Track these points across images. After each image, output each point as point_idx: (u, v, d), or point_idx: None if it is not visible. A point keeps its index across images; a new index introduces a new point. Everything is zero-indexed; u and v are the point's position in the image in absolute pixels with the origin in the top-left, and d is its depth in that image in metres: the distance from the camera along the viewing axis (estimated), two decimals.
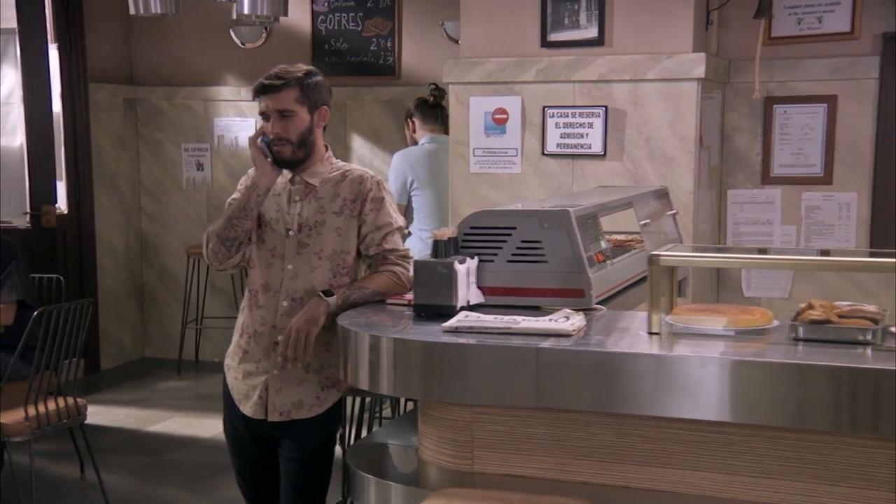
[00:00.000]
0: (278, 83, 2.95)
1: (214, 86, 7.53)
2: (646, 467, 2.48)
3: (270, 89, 2.95)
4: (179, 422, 6.14)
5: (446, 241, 2.85)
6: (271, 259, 3.04)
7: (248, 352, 3.09)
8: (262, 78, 2.98)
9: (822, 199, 4.63)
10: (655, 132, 4.32)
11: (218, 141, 7.57)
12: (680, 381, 2.34)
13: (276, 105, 2.95)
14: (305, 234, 3.02)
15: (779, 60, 4.59)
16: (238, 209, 2.98)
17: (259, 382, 3.06)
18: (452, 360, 2.53)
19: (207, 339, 7.71)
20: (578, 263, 2.84)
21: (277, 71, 2.99)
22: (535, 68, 4.46)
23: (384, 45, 7.22)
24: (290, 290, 3.03)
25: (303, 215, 3.03)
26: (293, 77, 2.97)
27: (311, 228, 3.02)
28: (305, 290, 3.02)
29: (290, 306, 3.02)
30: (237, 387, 3.12)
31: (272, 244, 3.04)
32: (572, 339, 2.50)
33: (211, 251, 3.04)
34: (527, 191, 4.51)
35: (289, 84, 2.95)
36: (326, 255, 3.04)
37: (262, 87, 2.97)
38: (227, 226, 2.99)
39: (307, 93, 2.97)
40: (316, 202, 3.04)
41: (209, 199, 7.61)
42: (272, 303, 3.04)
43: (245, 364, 3.09)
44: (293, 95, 2.95)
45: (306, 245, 3.03)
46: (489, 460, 2.63)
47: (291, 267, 3.02)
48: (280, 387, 3.04)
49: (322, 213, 3.03)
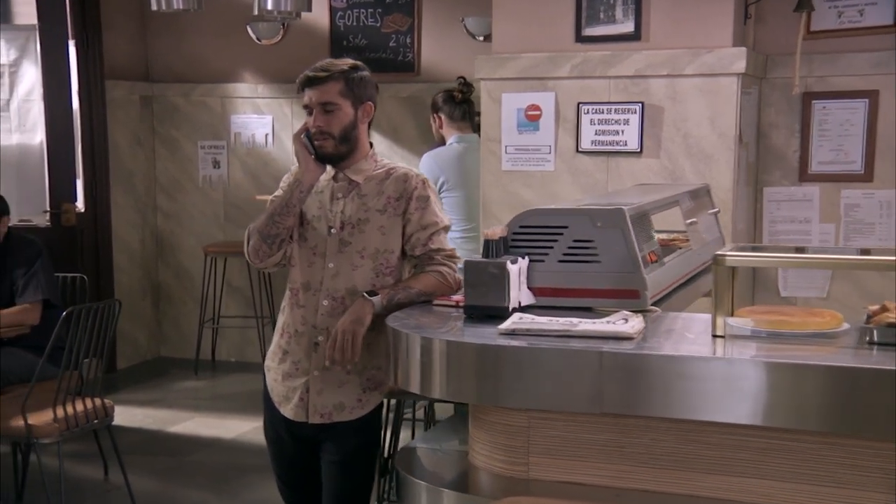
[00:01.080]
0: (322, 75, 2.88)
1: (231, 83, 7.46)
2: (712, 475, 2.39)
3: (315, 81, 2.88)
4: (200, 422, 6.06)
5: (497, 241, 2.76)
6: (312, 257, 2.97)
7: (287, 352, 3.02)
8: (307, 70, 2.91)
9: (862, 196, 4.54)
10: (694, 129, 4.23)
11: (234, 138, 7.50)
12: (748, 386, 2.25)
13: (319, 98, 2.88)
14: (348, 233, 2.95)
15: (818, 55, 4.49)
16: (280, 206, 2.91)
17: (299, 384, 2.99)
18: (509, 364, 2.44)
19: (224, 339, 7.64)
20: (633, 263, 2.76)
21: (323, 63, 2.92)
22: (569, 64, 4.37)
23: (403, 41, 7.14)
24: (331, 290, 2.95)
25: (345, 213, 2.95)
26: (338, 70, 2.90)
27: (354, 226, 2.95)
28: (347, 289, 2.95)
29: (330, 306, 2.95)
30: (277, 388, 3.05)
31: (314, 242, 2.97)
32: (634, 343, 2.42)
33: (252, 248, 2.97)
34: (560, 189, 4.42)
35: (333, 77, 2.88)
36: (369, 254, 2.96)
37: (306, 79, 2.90)
38: (269, 223, 2.92)
39: (352, 87, 2.90)
40: (359, 200, 2.96)
41: (225, 197, 7.53)
42: (312, 302, 2.96)
43: (285, 365, 3.02)
44: (337, 88, 2.88)
45: (348, 243, 2.95)
46: (545, 467, 2.54)
47: (332, 265, 2.95)
48: (321, 388, 2.98)
49: (365, 210, 2.96)
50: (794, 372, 2.22)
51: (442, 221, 3.04)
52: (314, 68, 2.90)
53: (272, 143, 7.41)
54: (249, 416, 6.13)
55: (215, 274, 7.27)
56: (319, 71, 2.89)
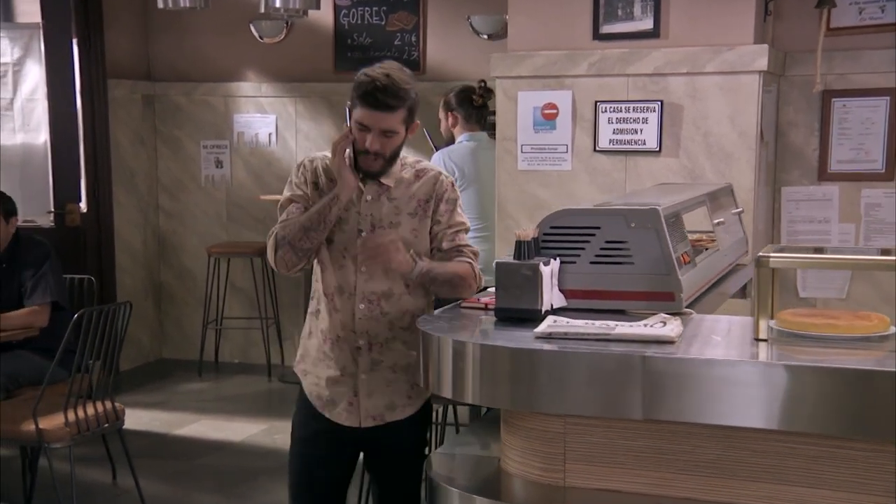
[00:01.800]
0: (394, 103, 2.75)
1: (234, 81, 7.39)
2: (757, 483, 2.32)
3: (386, 108, 2.75)
4: (206, 425, 5.99)
5: (529, 242, 2.70)
6: (342, 260, 2.90)
7: (331, 357, 2.94)
8: (374, 88, 2.73)
9: (883, 196, 4.48)
10: (714, 127, 4.17)
11: (238, 138, 7.43)
12: (796, 391, 2.19)
13: (384, 124, 2.77)
14: (378, 235, 2.88)
15: (838, 52, 4.43)
16: (316, 221, 2.81)
17: (346, 388, 2.94)
18: (546, 368, 2.38)
19: (227, 340, 7.56)
20: (668, 265, 2.71)
21: (393, 85, 2.74)
22: (586, 62, 4.31)
23: (409, 39, 7.07)
24: (366, 293, 2.90)
25: (375, 215, 2.89)
26: (408, 98, 2.78)
27: (386, 229, 2.89)
28: (382, 291, 2.90)
29: (367, 309, 2.90)
30: (319, 393, 2.97)
31: (342, 244, 2.89)
32: (676, 346, 2.35)
33: (280, 258, 2.86)
34: (578, 189, 4.36)
35: (402, 106, 2.78)
36: None
37: (375, 102, 2.74)
38: (302, 236, 2.82)
39: (412, 113, 2.83)
40: (390, 203, 2.90)
41: (228, 196, 7.46)
42: (348, 306, 2.90)
43: (329, 370, 2.95)
44: (401, 116, 2.79)
45: None
46: (583, 474, 2.48)
47: (365, 269, 2.89)
48: (370, 390, 2.93)
49: (396, 214, 2.90)
50: (844, 377, 2.16)
51: (466, 223, 3.03)
52: (384, 90, 2.73)
53: (276, 143, 7.33)
54: (256, 418, 6.08)
55: (218, 274, 7.19)
56: (392, 97, 2.74)
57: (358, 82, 2.79)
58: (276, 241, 2.86)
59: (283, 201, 2.94)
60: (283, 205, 2.94)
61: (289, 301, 7.31)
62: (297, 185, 2.94)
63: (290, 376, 6.91)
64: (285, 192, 2.96)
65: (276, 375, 7.06)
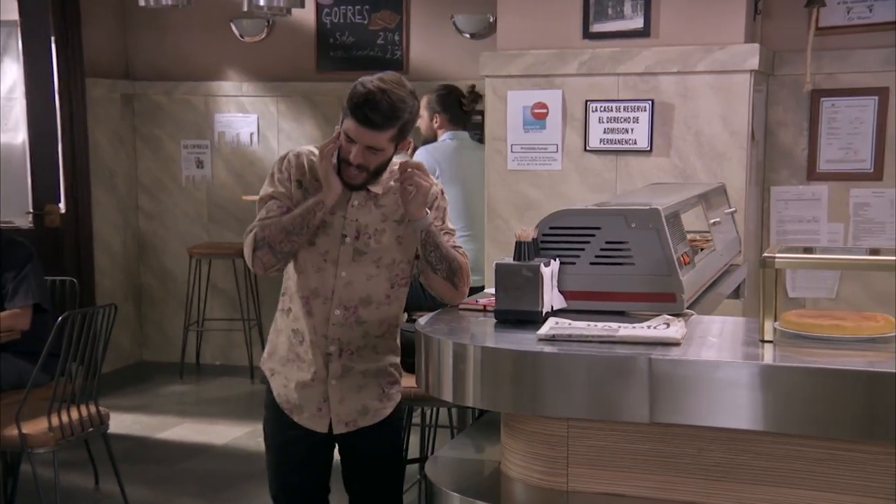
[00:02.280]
0: (383, 123, 2.67)
1: (215, 80, 7.32)
2: (762, 486, 2.30)
3: (372, 126, 2.67)
4: (189, 428, 5.92)
5: (529, 243, 2.66)
6: (322, 263, 2.83)
7: (303, 360, 2.89)
8: (364, 102, 2.64)
9: (872, 195, 4.48)
10: (705, 126, 4.15)
11: (219, 137, 7.35)
12: (802, 393, 2.17)
13: (370, 141, 2.69)
14: (364, 242, 2.82)
15: (827, 52, 4.43)
16: (300, 224, 2.75)
17: (316, 393, 2.88)
18: (550, 371, 2.34)
19: (208, 342, 7.49)
20: (669, 266, 2.68)
21: (385, 102, 2.64)
22: (577, 61, 4.28)
23: (391, 38, 7.02)
24: (344, 299, 2.84)
25: (361, 221, 2.82)
26: (401, 117, 2.69)
27: (371, 237, 2.83)
28: (360, 298, 2.85)
29: (342, 315, 2.84)
30: (288, 396, 2.92)
31: (324, 248, 2.82)
32: (683, 348, 2.32)
33: (258, 259, 2.78)
34: (568, 189, 4.33)
35: (394, 125, 2.69)
36: (385, 264, 2.86)
37: (364, 118, 2.66)
38: (283, 239, 2.75)
39: (403, 132, 2.74)
40: (377, 209, 2.84)
41: (210, 197, 7.38)
42: (323, 311, 2.84)
43: (300, 372, 2.89)
44: (390, 135, 2.71)
45: (364, 253, 2.83)
46: (586, 478, 2.45)
47: (345, 274, 2.82)
48: (342, 396, 2.88)
49: (383, 221, 2.84)
50: (853, 379, 2.14)
51: (454, 229, 3.00)
52: (378, 110, 2.63)
53: (257, 143, 7.27)
54: (239, 421, 6.01)
55: (200, 276, 7.11)
56: (381, 116, 2.65)
57: (352, 92, 2.69)
58: (254, 241, 2.77)
59: (262, 195, 2.85)
60: (263, 199, 2.84)
61: (271, 302, 7.19)
62: (279, 180, 2.84)
63: None
64: (266, 187, 2.85)
65: (259, 377, 6.95)
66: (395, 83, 2.70)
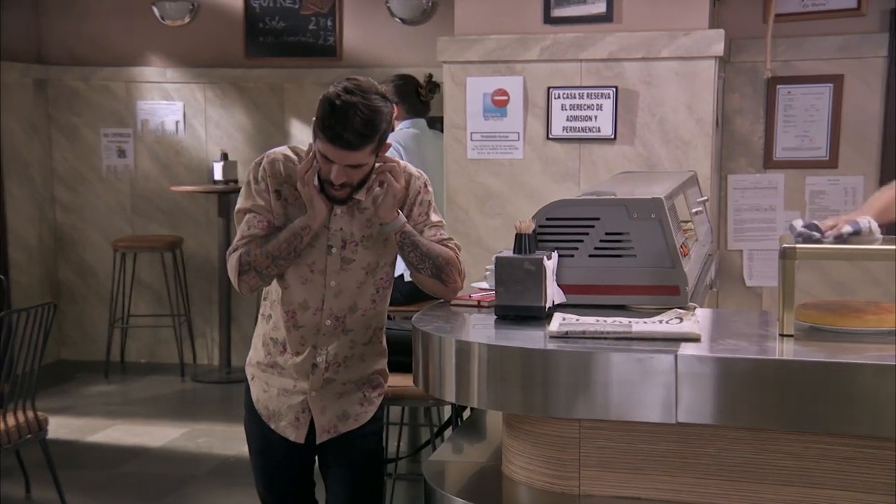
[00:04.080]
0: (359, 143, 2.46)
1: (137, 66, 7.00)
2: (786, 486, 2.22)
3: (349, 147, 2.46)
4: (122, 430, 5.65)
5: (530, 235, 2.54)
6: (309, 275, 2.67)
7: (283, 368, 2.74)
8: (335, 123, 2.42)
9: (827, 183, 4.48)
10: (670, 114, 4.08)
11: (142, 126, 7.05)
12: (834, 389, 2.09)
13: (349, 161, 2.49)
14: (350, 251, 2.68)
15: (782, 39, 4.41)
16: (287, 250, 2.59)
17: (296, 402, 2.75)
18: (566, 371, 2.22)
19: (133, 339, 7.18)
20: (672, 257, 2.58)
21: (361, 119, 2.43)
22: (538, 46, 4.16)
23: (324, 24, 6.82)
24: (335, 309, 2.70)
25: (346, 230, 2.66)
26: (378, 130, 2.48)
27: (358, 244, 2.68)
28: (350, 307, 2.72)
29: (333, 325, 2.71)
30: (266, 402, 2.78)
31: (310, 259, 2.66)
32: (704, 345, 2.23)
33: (244, 283, 2.64)
34: (530, 178, 4.22)
35: (371, 141, 2.49)
36: (371, 270, 2.72)
37: (340, 140, 2.44)
38: (270, 264, 2.61)
39: (382, 140, 2.55)
40: (361, 214, 2.68)
41: (133, 188, 7.07)
42: (313, 322, 2.70)
43: (281, 379, 2.75)
44: (370, 149, 2.51)
45: (351, 261, 2.69)
46: (599, 481, 2.33)
47: (335, 283, 2.68)
48: (323, 406, 2.77)
49: (369, 227, 2.68)
50: (886, 374, 2.06)
51: (442, 221, 2.85)
52: (352, 130, 2.42)
53: (183, 131, 6.99)
54: (173, 421, 5.77)
55: (125, 270, 6.81)
56: (357, 136, 2.44)
57: (320, 110, 2.47)
58: (239, 265, 2.63)
59: (240, 208, 2.68)
60: (241, 212, 2.68)
61: (200, 297, 6.99)
62: (256, 192, 2.66)
63: (204, 375, 6.68)
64: (243, 200, 2.68)
65: (190, 375, 6.73)
66: (363, 91, 2.48)
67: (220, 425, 5.60)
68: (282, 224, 2.64)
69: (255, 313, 6.71)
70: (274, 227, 2.65)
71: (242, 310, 6.80)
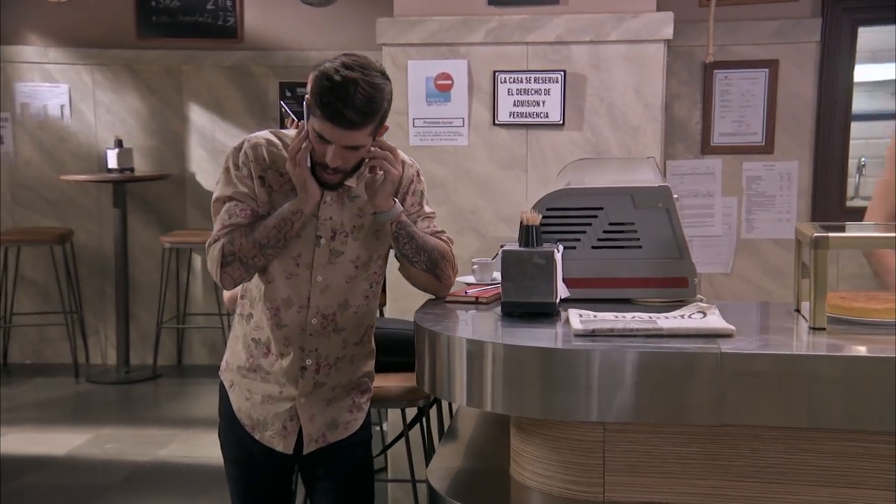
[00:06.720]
0: (361, 121, 2.26)
1: (14, 45, 6.52)
2: (825, 487, 2.13)
3: (349, 126, 2.26)
4: (19, 438, 5.24)
5: (537, 227, 2.38)
6: (294, 268, 2.46)
7: (268, 372, 2.51)
8: (336, 99, 2.22)
9: (763, 168, 4.48)
10: (618, 99, 3.97)
11: (21, 109, 6.58)
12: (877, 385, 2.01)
13: (348, 141, 2.29)
14: (340, 242, 2.47)
15: (719, 23, 4.36)
16: (275, 237, 2.38)
17: (283, 410, 2.55)
18: (593, 371, 2.08)
19: (16, 339, 6.71)
20: (680, 248, 2.49)
21: (362, 97, 2.23)
22: (483, 28, 3.99)
23: (223, 4, 6.49)
24: (321, 306, 2.49)
25: (336, 219, 2.46)
26: (380, 108, 2.30)
27: (348, 234, 2.48)
28: (339, 304, 2.51)
29: (320, 324, 2.50)
30: (249, 411, 2.56)
31: (296, 251, 2.45)
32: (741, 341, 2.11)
33: (227, 275, 2.41)
34: (476, 165, 4.05)
35: (373, 120, 2.29)
36: (363, 263, 2.52)
37: (339, 119, 2.23)
38: (257, 254, 2.39)
39: (382, 120, 2.35)
40: (351, 203, 2.48)
41: (12, 175, 6.59)
42: (298, 320, 2.49)
43: (266, 385, 2.52)
44: (370, 129, 2.31)
45: (340, 253, 2.48)
46: (624, 486, 2.21)
47: (322, 279, 2.47)
48: (312, 414, 2.57)
49: (360, 216, 2.49)
50: None
51: (434, 213, 2.67)
52: (354, 107, 2.22)
53: (69, 116, 6.54)
54: (74, 427, 5.39)
55: (7, 265, 6.35)
56: (359, 113, 2.24)
57: (319, 85, 2.26)
58: (222, 256, 2.39)
59: (219, 196, 2.45)
60: (221, 200, 2.44)
61: (92, 293, 6.57)
62: (238, 178, 2.43)
63: (100, 376, 6.28)
64: (222, 187, 2.44)
65: (84, 376, 6.31)
66: (362, 67, 2.28)
67: (128, 429, 5.24)
68: (266, 213, 2.42)
69: (155, 309, 6.38)
70: (258, 215, 2.42)
71: (140, 305, 6.43)
